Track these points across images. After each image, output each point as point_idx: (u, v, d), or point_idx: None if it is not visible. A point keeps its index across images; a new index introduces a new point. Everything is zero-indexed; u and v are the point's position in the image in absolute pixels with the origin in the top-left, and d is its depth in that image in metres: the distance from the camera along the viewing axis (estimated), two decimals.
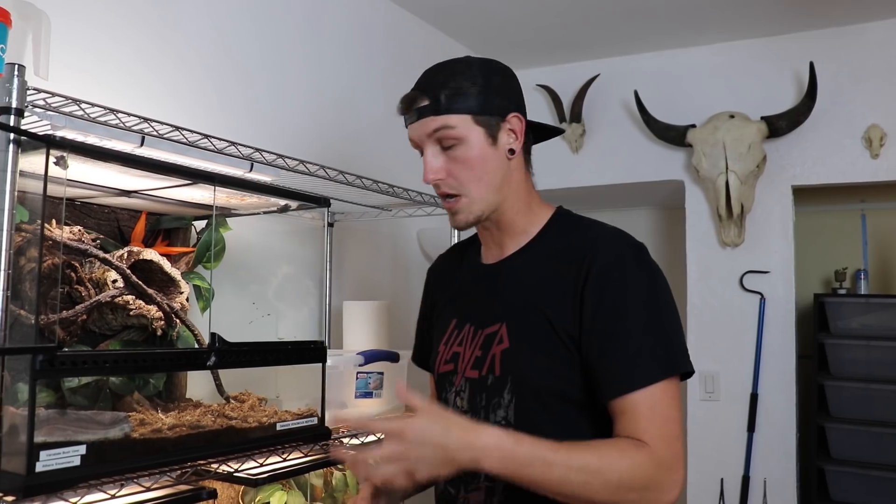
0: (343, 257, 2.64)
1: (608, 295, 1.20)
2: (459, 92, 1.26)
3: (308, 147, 2.41)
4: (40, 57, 1.68)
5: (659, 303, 1.22)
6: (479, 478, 1.26)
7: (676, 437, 1.16)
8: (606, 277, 1.21)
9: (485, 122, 1.26)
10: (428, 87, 1.28)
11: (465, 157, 1.26)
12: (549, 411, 1.22)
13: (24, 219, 1.28)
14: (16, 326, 1.22)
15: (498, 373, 1.27)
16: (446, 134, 1.26)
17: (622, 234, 1.29)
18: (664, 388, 1.16)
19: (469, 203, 1.29)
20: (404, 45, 3.05)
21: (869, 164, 3.13)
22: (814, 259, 4.20)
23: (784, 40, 3.32)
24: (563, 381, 1.22)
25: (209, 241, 1.81)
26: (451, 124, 1.25)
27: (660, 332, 1.20)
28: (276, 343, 1.81)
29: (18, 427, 1.16)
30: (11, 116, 1.13)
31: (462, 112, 1.25)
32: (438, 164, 1.28)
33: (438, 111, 1.26)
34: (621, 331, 1.19)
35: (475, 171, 1.27)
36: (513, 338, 1.27)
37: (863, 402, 3.45)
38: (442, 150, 1.28)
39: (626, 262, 1.23)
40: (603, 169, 3.64)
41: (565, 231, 1.33)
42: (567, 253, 1.27)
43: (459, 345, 1.36)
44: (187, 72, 2.08)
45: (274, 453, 1.55)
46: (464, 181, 1.28)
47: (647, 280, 1.23)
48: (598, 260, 1.22)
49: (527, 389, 1.24)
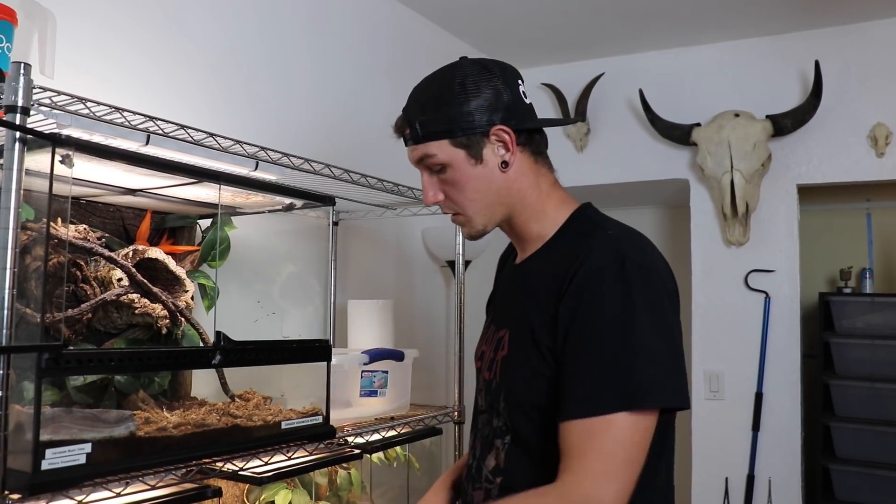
0: (348, 256, 2.64)
1: (579, 313, 1.13)
2: (433, 118, 1.23)
3: (313, 146, 2.41)
4: (46, 56, 1.68)
5: (632, 326, 1.10)
6: (481, 478, 1.27)
7: (608, 478, 1.05)
8: (581, 293, 1.13)
9: (464, 143, 1.22)
10: (407, 115, 1.27)
11: (452, 179, 1.25)
12: (534, 424, 1.20)
13: (30, 217, 1.28)
14: (21, 325, 1.22)
15: (498, 379, 1.27)
16: (431, 162, 1.25)
17: (619, 241, 1.19)
18: (611, 421, 1.06)
19: (468, 220, 1.28)
20: (409, 44, 3.04)
21: (874, 162, 3.13)
22: (819, 258, 4.19)
23: (789, 39, 3.31)
24: (544, 395, 1.17)
25: (214, 239, 1.81)
26: (431, 153, 1.24)
27: (621, 362, 1.09)
28: (281, 342, 1.81)
29: (24, 425, 1.16)
30: (17, 115, 1.13)
31: (438, 138, 1.23)
32: (434, 188, 1.28)
33: (417, 140, 1.25)
34: (580, 354, 1.12)
35: (466, 192, 1.25)
36: (511, 346, 1.25)
37: (868, 402, 3.44)
38: (433, 174, 1.27)
39: (603, 278, 1.13)
40: (607, 168, 3.64)
41: (575, 234, 1.26)
42: (562, 262, 1.20)
43: (487, 343, 1.36)
44: (192, 71, 2.08)
45: (279, 452, 1.56)
46: (457, 201, 1.27)
47: (622, 300, 1.11)
48: (579, 272, 1.14)
49: (513, 400, 1.23)
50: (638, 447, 1.08)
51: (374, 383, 2.07)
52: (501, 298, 1.41)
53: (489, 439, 1.28)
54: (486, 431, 1.30)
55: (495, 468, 1.25)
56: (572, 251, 1.20)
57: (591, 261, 1.15)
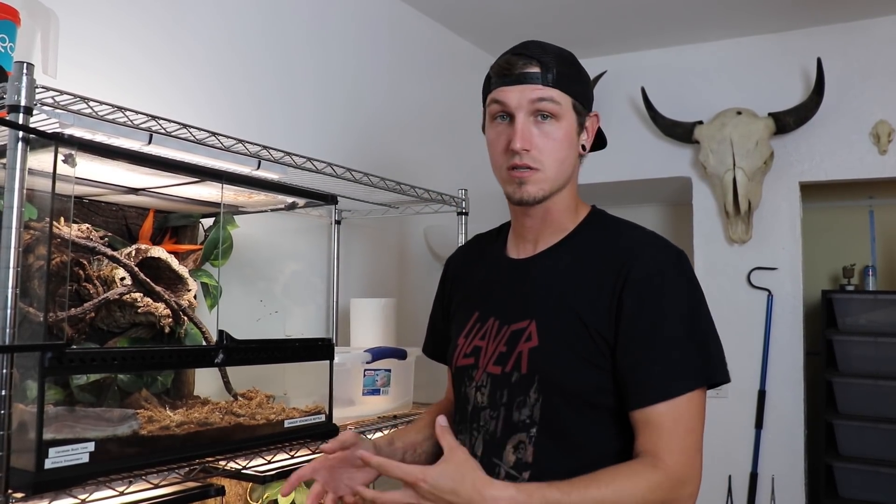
0: (350, 254, 2.64)
1: (647, 303, 1.19)
2: (569, 74, 1.28)
3: (315, 144, 2.42)
4: (49, 55, 1.69)
5: (698, 312, 1.22)
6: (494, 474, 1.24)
7: (697, 450, 1.17)
8: (646, 284, 1.20)
9: (580, 110, 1.30)
10: (543, 57, 1.26)
11: (556, 134, 1.26)
12: (577, 414, 1.21)
13: (33, 217, 1.28)
14: (24, 324, 1.22)
15: (525, 370, 1.25)
16: (548, 107, 1.25)
17: (663, 241, 1.28)
18: (692, 399, 1.16)
19: (543, 178, 1.27)
20: (411, 42, 3.04)
21: (877, 159, 3.12)
22: (821, 255, 4.19)
23: (791, 36, 3.30)
24: (593, 384, 1.20)
25: (217, 238, 1.81)
26: (557, 99, 1.26)
27: (698, 342, 1.19)
28: (284, 340, 1.81)
29: (27, 424, 1.17)
30: (20, 114, 1.14)
31: (568, 93, 1.27)
32: (531, 134, 1.25)
33: (548, 83, 1.25)
34: (658, 340, 1.18)
35: (560, 150, 1.27)
36: (543, 336, 1.25)
37: (871, 399, 3.44)
38: (534, 122, 1.26)
39: (666, 271, 1.22)
40: (610, 166, 3.63)
41: (601, 232, 1.32)
42: (605, 255, 1.26)
43: (482, 339, 1.34)
44: (195, 70, 2.08)
45: (282, 450, 1.56)
46: (546, 156, 1.26)
47: (686, 289, 1.22)
48: (637, 266, 1.21)
49: (554, 389, 1.22)
50: (703, 419, 1.21)
51: (376, 382, 2.07)
52: (502, 292, 1.36)
53: (498, 435, 1.26)
54: (490, 427, 1.27)
55: (518, 463, 1.23)
56: (611, 246, 1.27)
57: (648, 254, 1.24)
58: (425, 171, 2.96)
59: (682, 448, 1.15)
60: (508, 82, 1.26)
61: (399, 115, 2.93)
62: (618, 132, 3.62)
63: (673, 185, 3.71)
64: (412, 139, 2.95)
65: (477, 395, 1.32)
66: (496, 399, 1.28)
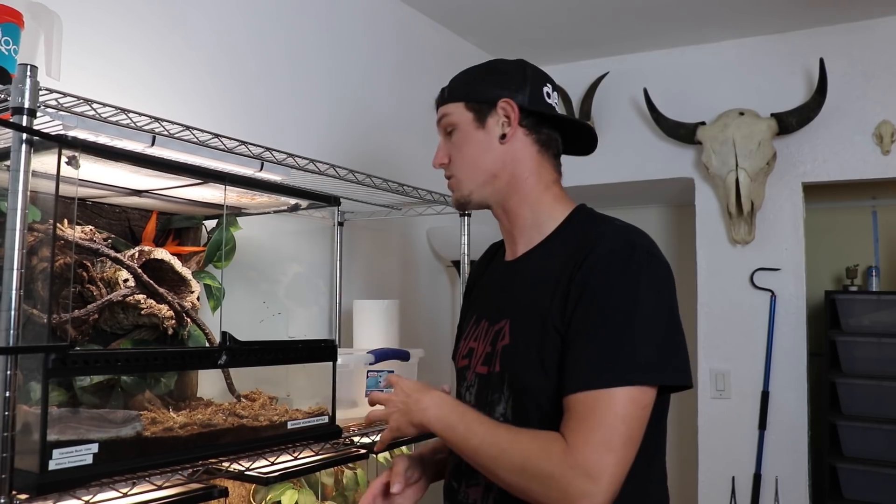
0: (353, 256, 2.64)
1: (588, 291, 1.17)
2: (460, 82, 1.38)
3: (318, 146, 2.42)
4: (52, 58, 1.69)
5: (638, 306, 1.15)
6: (479, 474, 1.27)
7: (608, 448, 1.08)
8: (591, 274, 1.18)
9: (475, 107, 1.34)
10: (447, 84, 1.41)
11: (457, 141, 1.36)
12: (540, 410, 1.21)
13: (37, 218, 1.28)
14: (28, 326, 1.22)
15: (498, 368, 1.28)
16: (445, 122, 1.38)
17: (627, 231, 1.25)
18: (615, 395, 1.11)
19: (458, 182, 1.38)
20: (414, 44, 3.05)
21: (880, 160, 3.12)
22: (825, 256, 4.19)
23: (794, 36, 3.30)
24: (552, 380, 1.19)
25: (220, 240, 1.82)
26: (448, 112, 1.37)
27: (641, 340, 1.14)
28: (287, 342, 1.81)
29: (31, 425, 1.17)
30: (24, 116, 1.14)
31: (458, 99, 1.36)
32: (443, 150, 1.40)
33: (444, 101, 1.39)
34: (587, 329, 1.16)
35: (463, 153, 1.36)
36: (513, 334, 1.28)
37: (874, 400, 3.43)
38: (446, 139, 1.39)
39: (613, 260, 1.18)
40: (612, 167, 3.63)
41: (579, 228, 1.30)
42: (572, 249, 1.24)
43: (475, 340, 1.38)
44: (198, 72, 2.08)
45: (285, 452, 1.56)
46: (455, 163, 1.37)
47: (631, 281, 1.17)
48: (590, 255, 1.19)
49: (519, 387, 1.24)
50: (637, 423, 1.12)
51: (379, 383, 2.07)
52: (492, 294, 1.41)
53: None
54: None
55: None
56: (580, 238, 1.25)
57: (603, 245, 1.21)
58: (428, 173, 2.95)
59: (588, 440, 1.09)
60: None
61: (402, 116, 2.93)
62: (620, 133, 3.62)
63: (675, 187, 3.71)
64: (415, 141, 2.95)
65: (467, 394, 1.37)
66: (483, 399, 1.31)
